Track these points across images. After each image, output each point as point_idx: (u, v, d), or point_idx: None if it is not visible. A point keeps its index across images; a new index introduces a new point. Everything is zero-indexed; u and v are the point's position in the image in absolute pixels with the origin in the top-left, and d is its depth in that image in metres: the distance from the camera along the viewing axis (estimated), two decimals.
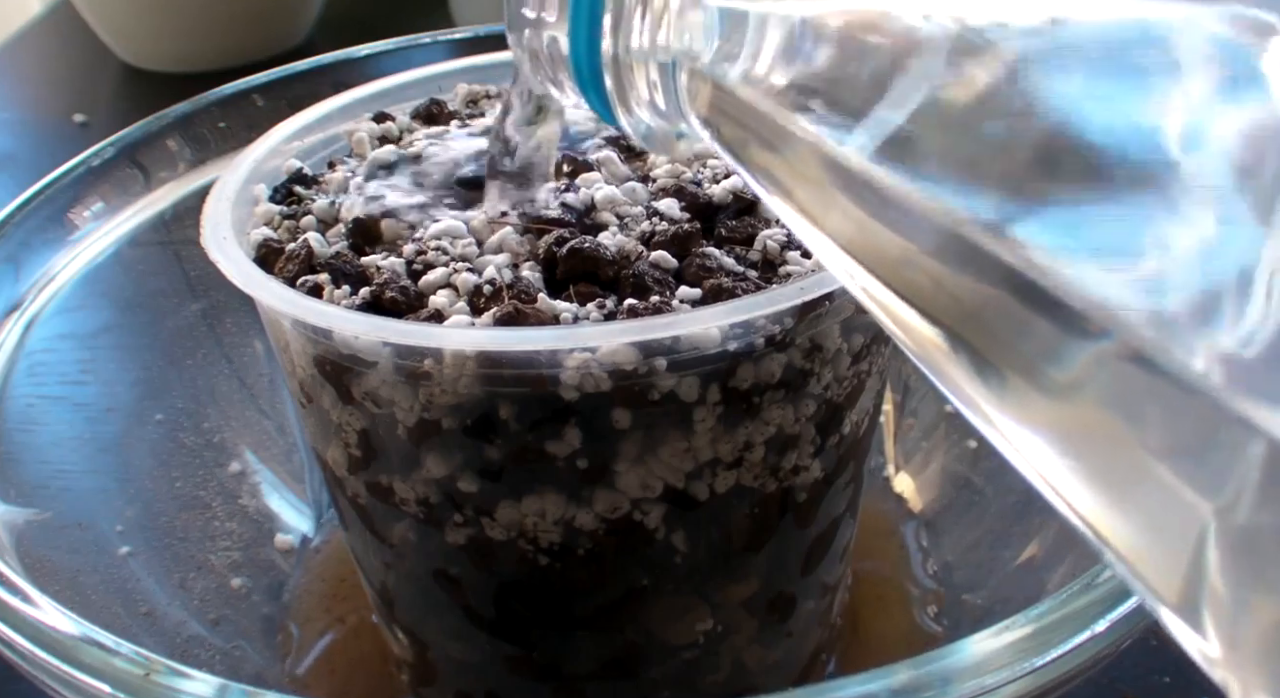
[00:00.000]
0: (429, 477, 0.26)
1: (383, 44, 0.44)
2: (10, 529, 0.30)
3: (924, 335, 0.16)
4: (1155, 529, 0.13)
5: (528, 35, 0.23)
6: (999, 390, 0.15)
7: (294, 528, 0.40)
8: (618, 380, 0.23)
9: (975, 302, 0.15)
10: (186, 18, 0.71)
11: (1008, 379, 0.15)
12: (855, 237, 0.17)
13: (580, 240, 0.25)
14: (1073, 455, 0.14)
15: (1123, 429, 0.13)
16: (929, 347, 0.16)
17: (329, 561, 0.39)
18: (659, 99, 0.22)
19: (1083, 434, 0.14)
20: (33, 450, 0.34)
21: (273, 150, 0.31)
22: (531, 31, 0.23)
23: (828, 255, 0.18)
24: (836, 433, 0.27)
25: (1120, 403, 0.13)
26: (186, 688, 0.23)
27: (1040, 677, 0.22)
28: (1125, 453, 0.13)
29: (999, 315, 0.15)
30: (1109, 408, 0.13)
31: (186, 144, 0.40)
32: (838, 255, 0.18)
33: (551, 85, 0.24)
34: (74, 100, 0.73)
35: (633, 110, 0.22)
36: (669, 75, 0.21)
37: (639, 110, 0.22)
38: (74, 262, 0.37)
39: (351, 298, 0.25)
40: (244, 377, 0.42)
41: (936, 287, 0.16)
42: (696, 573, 0.28)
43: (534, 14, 0.23)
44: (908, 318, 0.17)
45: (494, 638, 0.30)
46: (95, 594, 0.32)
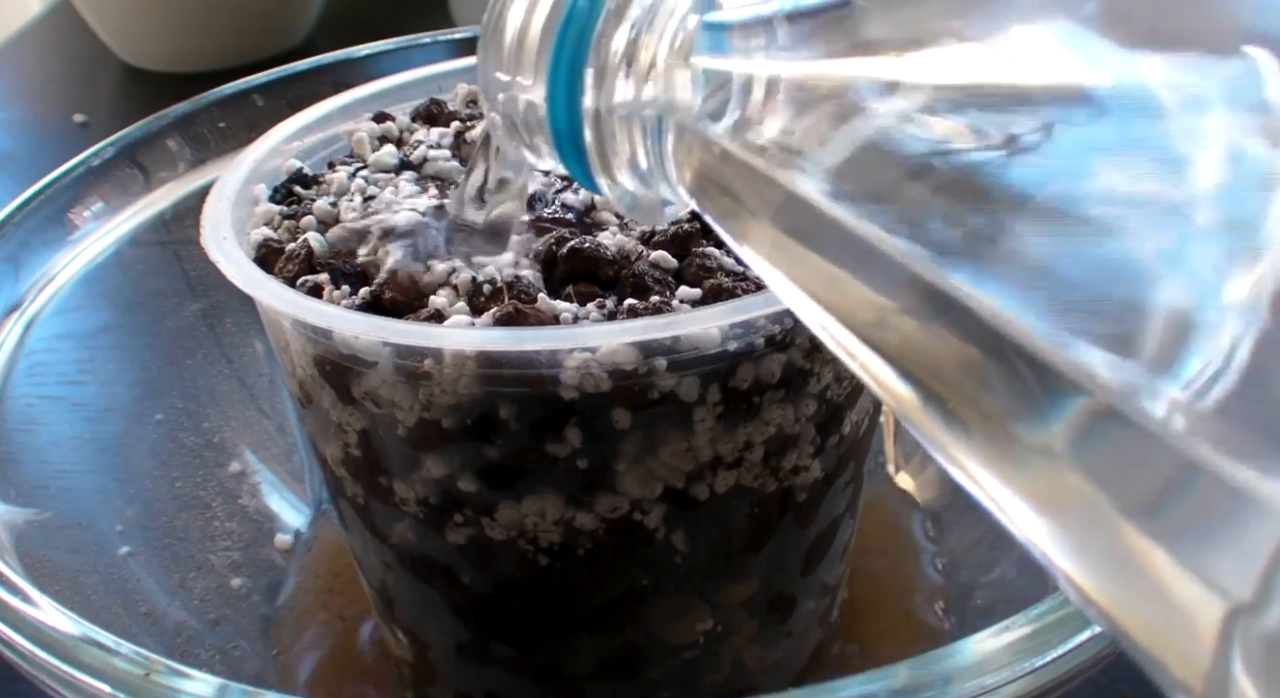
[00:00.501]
0: (429, 477, 0.26)
1: (383, 44, 0.44)
2: (10, 529, 0.30)
3: (899, 392, 0.16)
4: (1167, 622, 0.12)
5: (502, 100, 0.22)
6: (979, 450, 0.15)
7: (294, 528, 0.40)
8: (618, 380, 0.23)
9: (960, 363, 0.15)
10: (186, 17, 0.71)
11: (987, 439, 0.14)
12: (831, 292, 0.17)
13: (580, 240, 0.25)
14: (1063, 531, 0.13)
15: (1115, 502, 0.12)
16: (906, 405, 0.16)
17: (320, 557, 0.39)
18: (642, 159, 0.21)
19: (1070, 505, 0.13)
20: (33, 450, 0.34)
21: (273, 150, 0.31)
22: (506, 96, 0.22)
23: (804, 313, 0.18)
24: (837, 433, 0.27)
25: (1108, 470, 0.12)
26: (186, 688, 0.23)
27: (1040, 677, 0.22)
28: (1126, 531, 0.12)
29: (978, 375, 0.14)
30: (1095, 476, 0.12)
31: (186, 144, 0.40)
32: (817, 312, 0.18)
33: (528, 151, 0.23)
34: (74, 100, 0.73)
35: (615, 176, 0.21)
36: (653, 135, 0.20)
37: (620, 175, 0.21)
38: (74, 262, 0.37)
39: (351, 298, 0.25)
40: (244, 377, 0.42)
41: (908, 343, 0.16)
42: (696, 573, 0.28)
43: (509, 77, 0.22)
44: (882, 374, 0.16)
45: (494, 638, 0.30)
46: (95, 594, 0.32)
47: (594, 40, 0.20)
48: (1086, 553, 0.13)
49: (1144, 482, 0.12)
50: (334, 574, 0.38)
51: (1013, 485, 0.14)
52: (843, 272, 0.17)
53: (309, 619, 0.37)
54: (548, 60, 0.21)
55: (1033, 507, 0.14)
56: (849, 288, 0.17)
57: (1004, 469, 0.14)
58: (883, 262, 0.16)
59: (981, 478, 0.15)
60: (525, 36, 0.21)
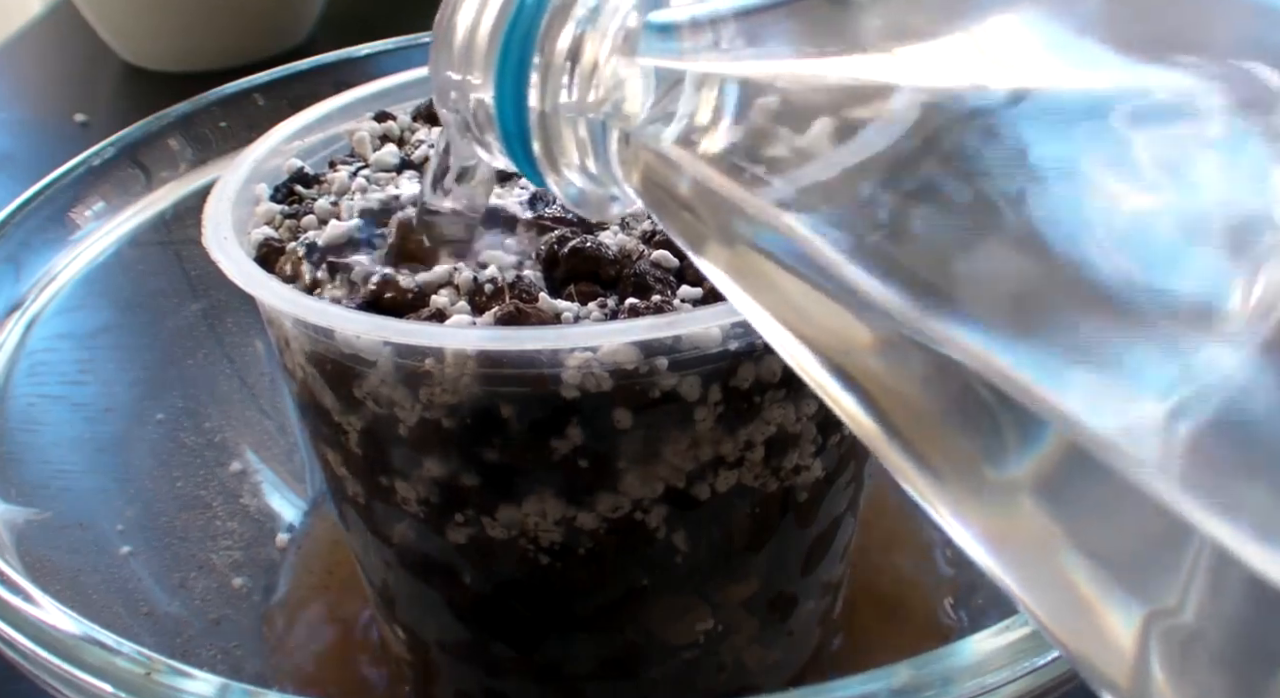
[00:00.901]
0: (429, 476, 0.26)
1: (384, 43, 0.44)
2: (11, 529, 0.30)
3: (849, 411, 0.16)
4: (1097, 633, 0.13)
5: (454, 98, 0.22)
6: (934, 483, 0.15)
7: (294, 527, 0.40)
8: (619, 380, 0.23)
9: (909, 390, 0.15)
10: (187, 17, 0.71)
11: (942, 473, 0.15)
12: (784, 311, 0.17)
13: (581, 240, 0.25)
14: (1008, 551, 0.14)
15: (1055, 527, 0.13)
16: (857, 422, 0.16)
17: (314, 553, 0.39)
18: (589, 162, 0.21)
19: (1017, 532, 0.14)
20: (33, 450, 0.34)
21: (274, 150, 0.31)
22: (458, 94, 0.22)
23: (760, 325, 0.18)
24: (838, 432, 0.27)
25: (1054, 500, 0.13)
26: (188, 688, 0.23)
27: (1041, 677, 0.22)
28: (1058, 549, 0.13)
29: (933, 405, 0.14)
30: (1044, 506, 0.13)
31: (187, 144, 0.40)
32: (771, 326, 0.18)
33: (480, 148, 0.23)
34: (75, 100, 0.73)
35: (561, 173, 0.21)
36: (599, 137, 0.20)
37: (568, 173, 0.21)
38: (75, 261, 0.37)
39: (352, 297, 0.25)
40: (245, 376, 0.42)
41: (864, 368, 0.16)
42: (697, 573, 0.28)
43: (459, 76, 0.22)
44: (834, 392, 0.16)
45: (494, 638, 0.30)
46: (96, 594, 0.32)
47: (539, 39, 0.20)
48: (1029, 575, 0.14)
49: (1097, 514, 0.12)
50: (328, 571, 0.38)
51: (969, 517, 0.14)
52: (793, 293, 0.17)
53: (303, 615, 0.36)
54: (495, 59, 0.21)
55: (986, 538, 0.14)
56: (800, 309, 0.17)
57: (962, 501, 0.14)
58: (841, 287, 0.15)
59: (942, 509, 0.15)
60: (475, 36, 0.21)
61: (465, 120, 0.22)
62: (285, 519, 0.40)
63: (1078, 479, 0.13)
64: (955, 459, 0.14)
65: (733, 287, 0.18)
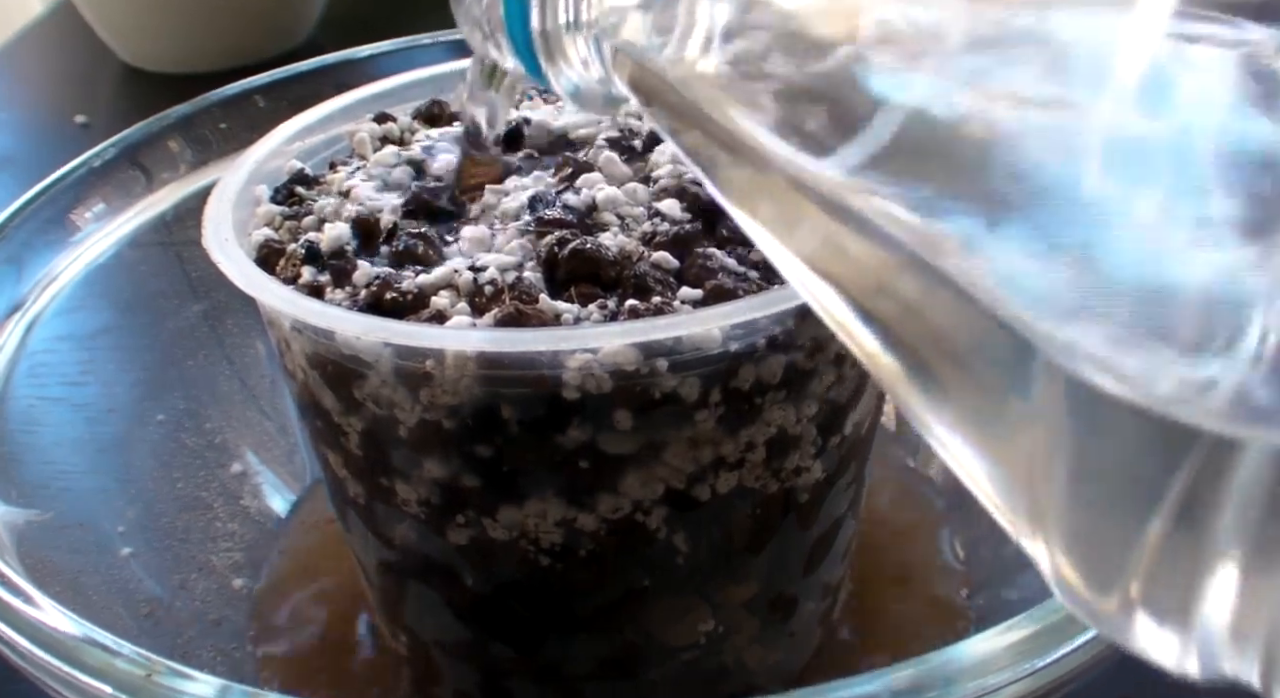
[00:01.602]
0: (430, 478, 0.26)
1: (384, 45, 0.44)
2: (11, 530, 0.30)
3: (840, 322, 0.17)
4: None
5: (468, 3, 0.25)
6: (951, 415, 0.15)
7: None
8: (619, 381, 0.23)
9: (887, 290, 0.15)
10: (188, 18, 0.71)
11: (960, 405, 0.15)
12: (779, 225, 0.18)
13: (581, 241, 0.25)
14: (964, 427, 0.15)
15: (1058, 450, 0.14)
16: (846, 333, 0.17)
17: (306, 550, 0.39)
18: (593, 71, 0.23)
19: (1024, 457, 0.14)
20: (34, 451, 0.34)
21: (274, 151, 0.31)
22: (474, 2, 0.24)
23: (757, 239, 0.18)
24: (838, 434, 0.27)
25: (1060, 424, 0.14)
26: (188, 689, 0.23)
27: (1042, 678, 0.22)
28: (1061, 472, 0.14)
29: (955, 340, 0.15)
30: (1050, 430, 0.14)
31: (188, 145, 0.40)
32: (768, 241, 0.18)
33: (494, 49, 0.25)
34: (75, 101, 0.73)
35: (561, 71, 0.23)
36: (596, 48, 0.22)
37: (567, 71, 0.23)
38: (75, 262, 0.37)
39: (353, 299, 0.25)
40: (245, 377, 0.42)
41: (858, 277, 0.16)
42: (698, 574, 0.28)
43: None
44: (827, 303, 0.17)
45: (494, 638, 0.30)
46: (97, 595, 0.32)
47: None
48: (1031, 498, 0.15)
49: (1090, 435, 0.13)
50: (320, 570, 0.38)
51: (982, 445, 0.15)
52: (794, 218, 0.17)
53: (294, 610, 0.36)
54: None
55: (995, 464, 0.15)
56: (806, 234, 0.17)
57: (979, 435, 0.15)
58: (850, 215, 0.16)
59: (953, 441, 0.16)
60: None
61: (481, 23, 0.25)
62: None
63: (1077, 406, 0.13)
64: (973, 389, 0.15)
65: (720, 195, 0.19)
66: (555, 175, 0.28)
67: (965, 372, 0.15)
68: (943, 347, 0.15)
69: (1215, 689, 0.14)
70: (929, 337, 0.15)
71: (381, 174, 0.29)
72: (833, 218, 0.16)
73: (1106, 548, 0.14)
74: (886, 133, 0.16)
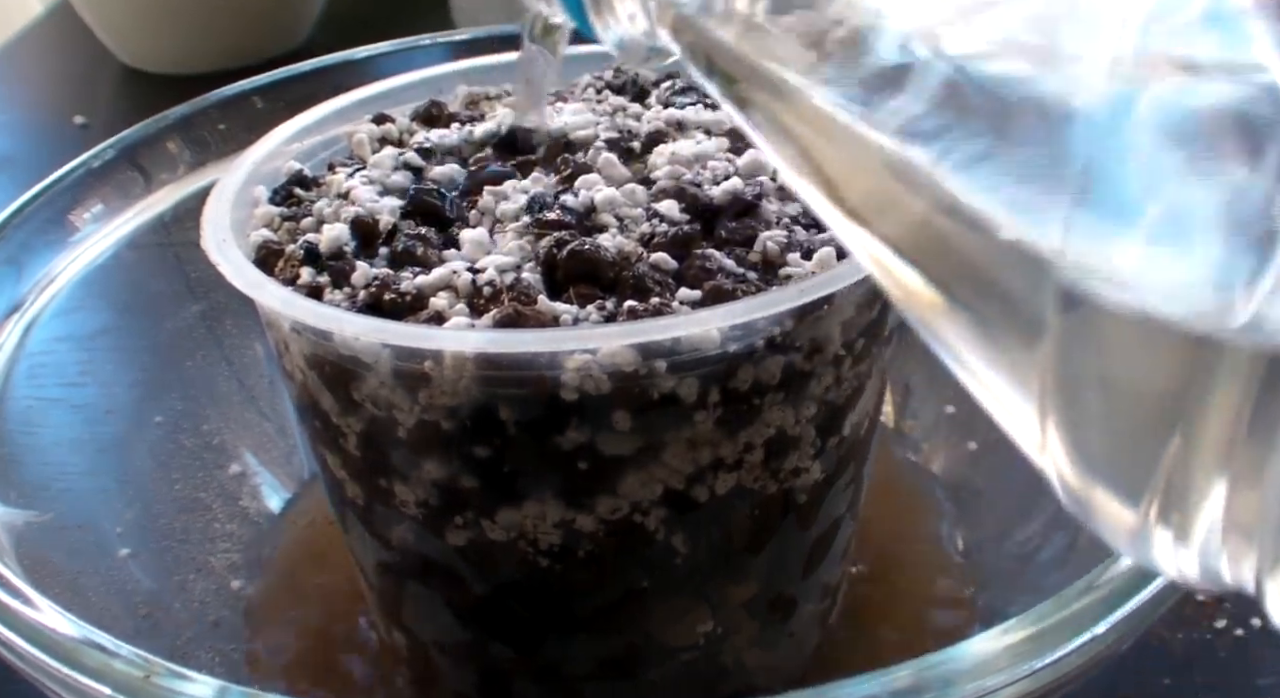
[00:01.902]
0: (429, 479, 0.26)
1: (382, 46, 0.44)
2: (10, 531, 0.30)
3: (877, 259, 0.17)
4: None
5: None
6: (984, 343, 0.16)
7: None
8: (618, 382, 0.23)
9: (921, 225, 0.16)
10: (186, 19, 0.71)
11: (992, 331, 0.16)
12: (819, 172, 0.18)
13: (580, 242, 0.25)
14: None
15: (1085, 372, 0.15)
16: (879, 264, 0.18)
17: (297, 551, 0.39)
18: (638, 24, 0.23)
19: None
20: (33, 452, 0.34)
21: (272, 152, 0.31)
22: None
23: (793, 182, 0.19)
24: (837, 434, 0.27)
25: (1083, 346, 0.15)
26: (186, 690, 0.23)
27: (1040, 678, 0.22)
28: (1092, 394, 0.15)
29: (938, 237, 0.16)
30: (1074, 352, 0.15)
31: (186, 146, 0.40)
32: (807, 188, 0.19)
33: (544, 3, 0.26)
34: (74, 102, 0.73)
35: (607, 23, 0.24)
36: (643, 1, 0.22)
37: (615, 25, 0.24)
38: (74, 263, 0.37)
39: (351, 300, 0.25)
40: (244, 378, 0.42)
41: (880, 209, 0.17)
42: (697, 575, 0.28)
43: None
44: (865, 244, 0.18)
45: (493, 639, 0.30)
46: (95, 596, 0.32)
47: None
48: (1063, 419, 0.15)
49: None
50: (317, 568, 0.38)
51: (1010, 377, 0.16)
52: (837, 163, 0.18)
53: (291, 609, 0.36)
54: None
55: (1023, 392, 0.16)
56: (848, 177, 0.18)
57: (1005, 360, 0.16)
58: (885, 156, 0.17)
59: (983, 373, 0.16)
60: None
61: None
62: None
63: (1095, 326, 0.14)
64: (1000, 316, 0.16)
65: (765, 144, 0.19)
66: (554, 177, 0.28)
67: (993, 300, 0.16)
68: (973, 277, 0.16)
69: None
70: (960, 269, 0.16)
71: (380, 176, 0.29)
72: (871, 158, 0.17)
73: (1124, 463, 0.15)
74: (916, 78, 0.17)
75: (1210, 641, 0.34)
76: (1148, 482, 0.14)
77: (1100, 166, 0.14)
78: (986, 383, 0.16)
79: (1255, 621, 0.35)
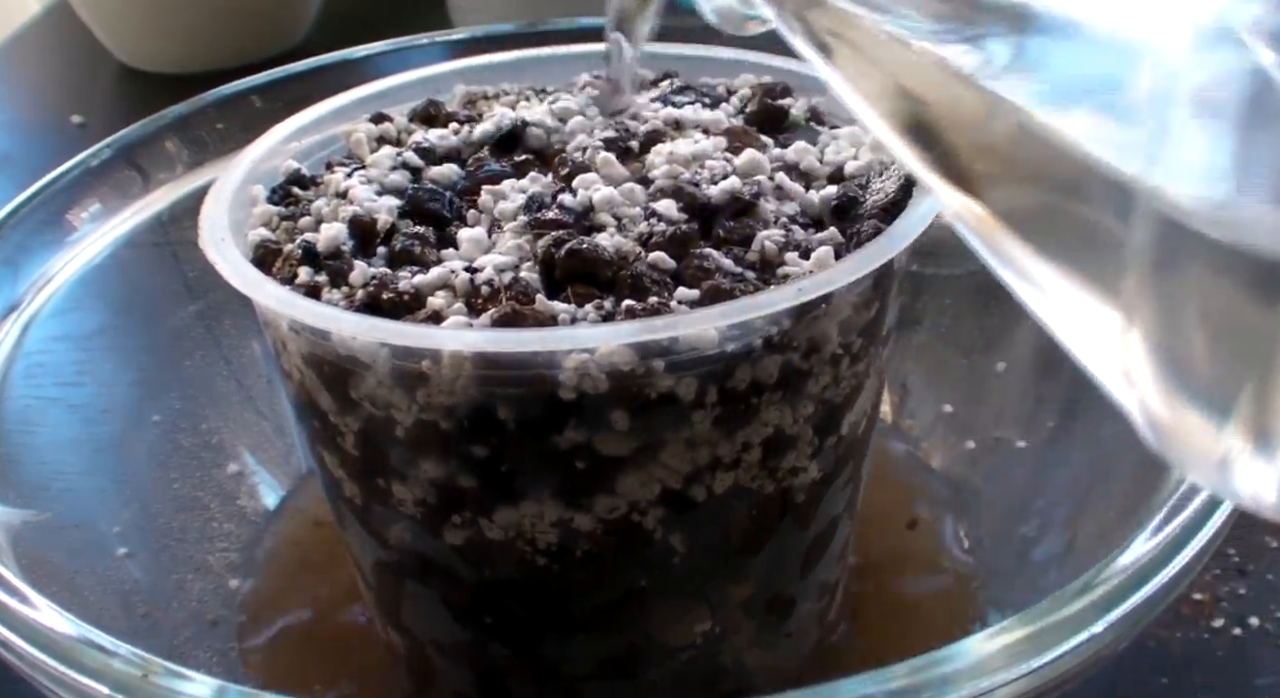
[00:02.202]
0: (426, 478, 0.26)
1: (380, 45, 0.44)
2: (8, 531, 0.30)
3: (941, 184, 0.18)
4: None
5: None
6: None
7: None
8: (616, 381, 0.23)
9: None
10: (184, 18, 0.71)
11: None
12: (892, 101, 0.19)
13: (578, 241, 0.25)
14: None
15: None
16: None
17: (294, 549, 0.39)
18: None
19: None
20: (31, 452, 0.34)
21: (270, 151, 0.31)
22: None
23: (864, 117, 0.20)
24: (835, 434, 0.27)
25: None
26: (184, 690, 0.23)
27: (1038, 678, 0.22)
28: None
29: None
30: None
31: (184, 145, 0.40)
32: (879, 124, 0.20)
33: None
34: (72, 101, 0.73)
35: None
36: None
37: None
38: (71, 263, 0.37)
39: (349, 299, 0.25)
40: (242, 378, 0.42)
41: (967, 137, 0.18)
42: (695, 574, 0.28)
43: None
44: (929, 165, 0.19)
45: (491, 639, 0.30)
46: (93, 595, 0.32)
47: None
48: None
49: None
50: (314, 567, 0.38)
51: (1084, 302, 0.16)
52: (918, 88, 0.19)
53: (288, 608, 0.36)
54: None
55: (1097, 318, 0.16)
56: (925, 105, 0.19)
57: (1082, 283, 0.16)
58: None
59: (1053, 290, 0.17)
60: None
61: None
62: None
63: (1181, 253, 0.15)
64: (1075, 240, 0.16)
65: (853, 95, 0.20)
66: (552, 176, 0.28)
67: (1083, 229, 0.16)
68: (1049, 195, 0.16)
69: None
70: (1049, 197, 0.17)
71: (378, 175, 0.29)
72: (971, 99, 0.18)
73: (1217, 385, 0.15)
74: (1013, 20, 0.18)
75: (1208, 640, 0.34)
76: (1237, 404, 0.15)
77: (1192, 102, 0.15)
78: (1065, 313, 0.17)
79: (1253, 620, 0.35)
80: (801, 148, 0.29)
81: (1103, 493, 0.31)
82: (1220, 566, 0.36)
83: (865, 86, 0.20)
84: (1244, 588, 0.36)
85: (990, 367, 0.40)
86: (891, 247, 0.25)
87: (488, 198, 0.28)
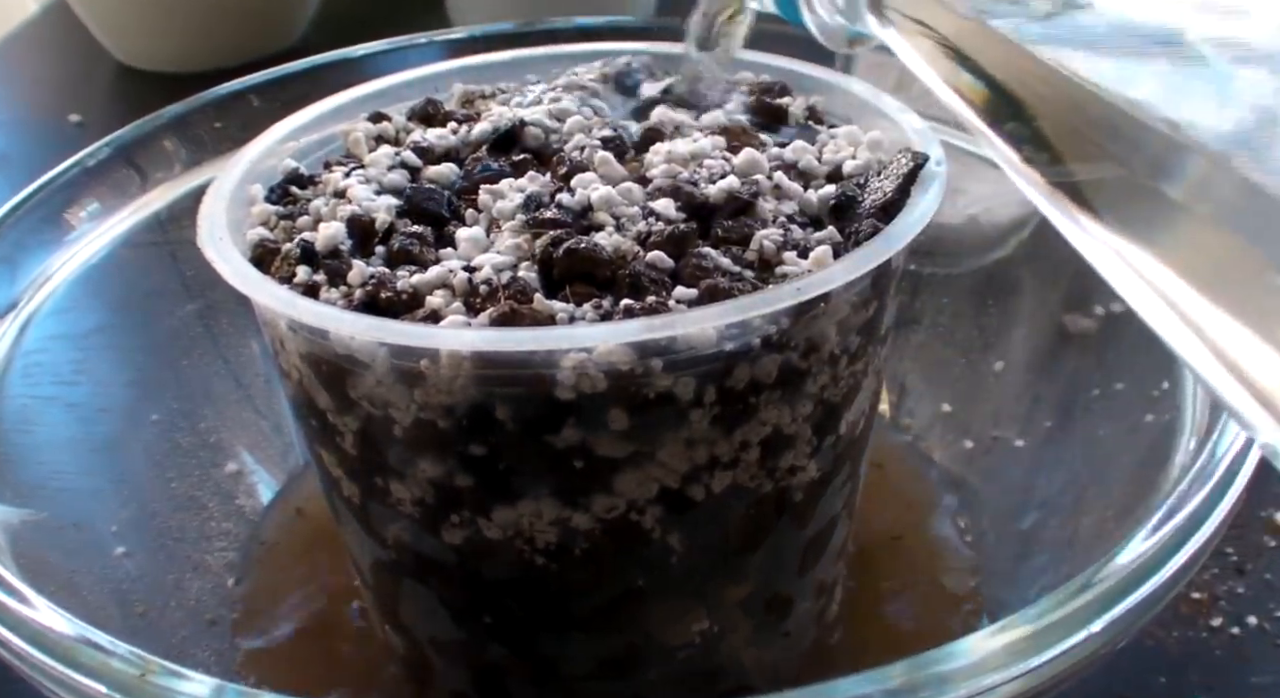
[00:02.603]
0: (425, 477, 0.26)
1: (379, 44, 0.44)
2: (6, 530, 0.30)
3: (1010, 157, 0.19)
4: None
5: None
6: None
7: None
8: (614, 381, 0.23)
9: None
10: (182, 17, 0.71)
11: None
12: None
13: (577, 241, 0.25)
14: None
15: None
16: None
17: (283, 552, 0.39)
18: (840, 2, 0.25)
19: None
20: (29, 451, 0.34)
21: (268, 150, 0.31)
22: None
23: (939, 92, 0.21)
24: (833, 433, 0.27)
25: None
26: (182, 689, 0.23)
27: (1036, 677, 0.22)
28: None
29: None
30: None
31: (182, 144, 0.40)
32: (958, 102, 0.21)
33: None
34: (69, 100, 0.73)
35: (815, 8, 0.26)
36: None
37: (820, 9, 0.26)
38: (69, 262, 0.37)
39: (348, 298, 0.25)
40: (240, 377, 0.42)
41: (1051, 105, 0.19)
42: (693, 573, 0.28)
43: None
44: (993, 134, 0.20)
45: (490, 638, 0.30)
46: (91, 595, 0.32)
47: None
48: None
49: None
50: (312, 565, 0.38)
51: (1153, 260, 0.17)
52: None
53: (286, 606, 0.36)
54: None
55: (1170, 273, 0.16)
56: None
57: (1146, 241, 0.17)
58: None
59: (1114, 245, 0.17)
60: None
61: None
62: None
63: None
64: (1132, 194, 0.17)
65: (950, 94, 0.21)
66: (550, 175, 0.28)
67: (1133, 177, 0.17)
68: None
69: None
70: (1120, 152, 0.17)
71: (377, 175, 0.29)
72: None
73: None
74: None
75: (1206, 640, 0.34)
76: None
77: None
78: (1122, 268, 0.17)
79: (1251, 619, 0.35)
80: (800, 147, 0.29)
81: (1101, 492, 0.32)
82: (1218, 565, 0.37)
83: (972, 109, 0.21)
84: (1242, 587, 0.36)
85: (988, 366, 0.40)
86: (890, 246, 0.25)
87: (486, 197, 0.28)
